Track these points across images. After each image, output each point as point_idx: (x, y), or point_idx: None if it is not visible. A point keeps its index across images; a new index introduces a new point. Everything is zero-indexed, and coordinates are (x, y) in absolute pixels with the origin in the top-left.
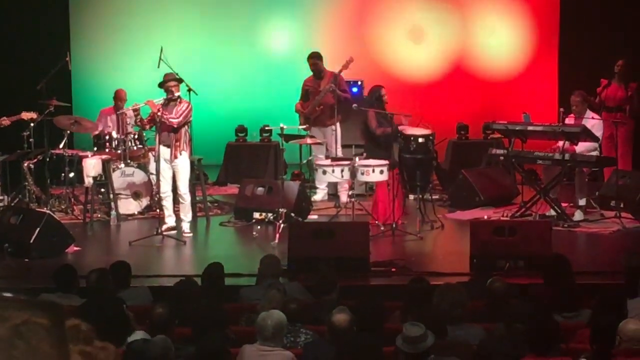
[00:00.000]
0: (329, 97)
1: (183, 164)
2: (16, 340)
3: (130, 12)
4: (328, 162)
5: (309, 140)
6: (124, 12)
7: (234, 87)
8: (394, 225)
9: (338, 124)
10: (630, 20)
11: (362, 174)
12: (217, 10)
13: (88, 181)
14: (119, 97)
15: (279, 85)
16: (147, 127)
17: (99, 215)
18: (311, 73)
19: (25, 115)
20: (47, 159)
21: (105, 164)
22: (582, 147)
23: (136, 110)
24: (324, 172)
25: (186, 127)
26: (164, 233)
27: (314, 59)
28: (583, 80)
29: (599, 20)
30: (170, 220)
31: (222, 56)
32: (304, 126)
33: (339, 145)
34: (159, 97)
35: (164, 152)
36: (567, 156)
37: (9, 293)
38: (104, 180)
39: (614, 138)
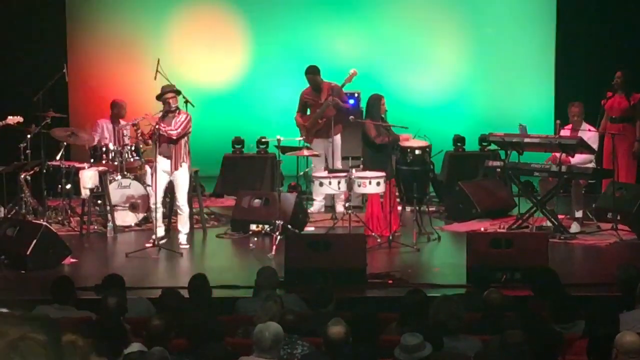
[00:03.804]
0: (329, 110)
1: (183, 175)
2: (12, 355)
3: (127, 24)
4: (325, 174)
5: (305, 152)
6: (121, 25)
7: (231, 99)
8: (390, 237)
9: (339, 136)
10: (628, 31)
11: (359, 185)
12: (214, 21)
13: (85, 193)
14: (115, 106)
15: (276, 97)
16: (150, 141)
17: (96, 227)
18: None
19: (11, 120)
20: (44, 171)
21: (102, 176)
22: (578, 159)
23: (136, 125)
24: (321, 184)
25: (185, 138)
26: (153, 244)
27: (311, 74)
28: (580, 92)
29: (596, 31)
30: (159, 231)
31: (219, 67)
32: (303, 138)
33: (338, 157)
34: (157, 110)
35: (164, 163)
36: (563, 168)
37: (4, 308)
38: (100, 192)
39: (615, 148)
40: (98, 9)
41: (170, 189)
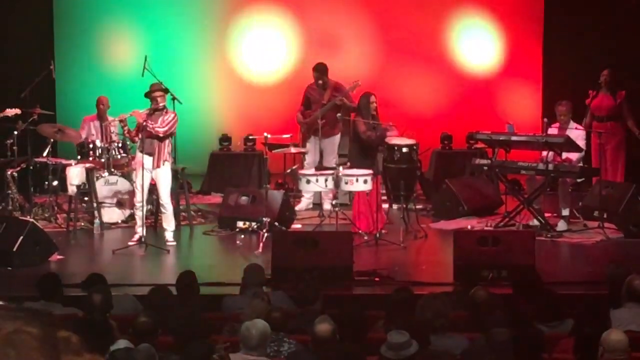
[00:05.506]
0: (331, 111)
1: (165, 173)
2: (7, 349)
3: (114, 21)
4: (312, 171)
5: (293, 150)
6: (108, 21)
7: (219, 96)
8: (377, 235)
9: (339, 135)
10: (615, 28)
11: (346, 183)
12: (203, 18)
13: (71, 189)
14: (101, 103)
15: (263, 94)
16: (137, 138)
17: (83, 224)
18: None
19: (9, 112)
20: (31, 167)
21: (89, 173)
22: (573, 156)
23: (123, 122)
24: (308, 182)
25: (170, 137)
26: (137, 241)
27: (318, 72)
28: (567, 90)
29: (583, 29)
30: (140, 231)
31: (207, 65)
32: (302, 133)
33: (335, 154)
34: (144, 107)
35: (147, 161)
36: (550, 166)
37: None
38: (87, 189)
39: (602, 147)
40: (85, 5)
41: (155, 187)
